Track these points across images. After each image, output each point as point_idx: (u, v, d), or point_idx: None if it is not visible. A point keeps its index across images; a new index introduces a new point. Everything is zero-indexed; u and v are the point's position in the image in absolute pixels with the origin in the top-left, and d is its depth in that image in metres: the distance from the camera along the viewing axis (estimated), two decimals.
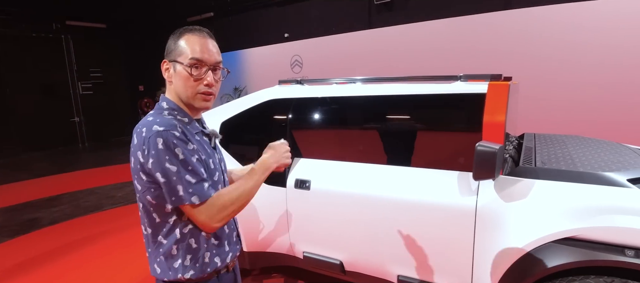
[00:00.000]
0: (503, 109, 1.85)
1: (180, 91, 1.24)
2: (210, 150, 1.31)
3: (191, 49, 1.21)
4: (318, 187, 2.37)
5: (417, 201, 2.05)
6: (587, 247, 1.64)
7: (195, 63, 1.21)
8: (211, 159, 1.29)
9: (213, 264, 1.29)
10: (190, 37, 1.23)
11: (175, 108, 1.26)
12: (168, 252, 1.23)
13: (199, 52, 1.22)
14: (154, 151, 1.12)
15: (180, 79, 1.23)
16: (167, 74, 1.26)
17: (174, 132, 1.14)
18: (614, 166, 1.89)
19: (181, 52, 1.22)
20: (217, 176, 1.30)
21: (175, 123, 1.18)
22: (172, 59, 1.24)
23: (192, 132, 1.25)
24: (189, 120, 1.27)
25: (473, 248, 1.92)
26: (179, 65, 1.22)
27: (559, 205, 1.72)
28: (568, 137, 2.76)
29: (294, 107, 2.56)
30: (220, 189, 1.25)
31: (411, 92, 2.20)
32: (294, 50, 9.06)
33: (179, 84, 1.23)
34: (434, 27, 7.06)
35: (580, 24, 5.69)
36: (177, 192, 1.14)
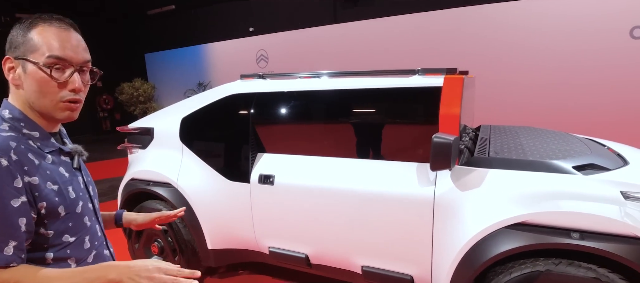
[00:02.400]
0: (458, 102, 1.91)
1: (35, 98, 0.94)
2: (69, 174, 1.02)
3: (48, 44, 0.92)
4: (282, 182, 2.37)
5: (378, 193, 2.09)
6: (537, 231, 1.74)
7: (55, 62, 0.93)
8: (70, 185, 1.00)
9: None
10: (47, 28, 0.93)
11: (20, 118, 0.95)
12: None
13: (60, 49, 0.93)
14: None
15: (34, 83, 0.93)
16: (11, 74, 0.95)
17: (2, 161, 0.85)
18: (560, 154, 2.00)
19: (34, 47, 0.92)
20: (81, 206, 1.02)
21: (10, 144, 0.89)
22: (20, 56, 0.93)
23: (42, 151, 0.96)
24: (41, 136, 0.97)
25: (432, 237, 1.99)
26: (31, 65, 0.92)
27: (510, 193, 1.81)
28: (520, 128, 2.90)
29: (256, 102, 2.54)
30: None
31: (371, 86, 2.23)
32: (260, 45, 8.97)
33: (32, 89, 0.93)
34: (398, 23, 7.19)
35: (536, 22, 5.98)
36: None
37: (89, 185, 1.11)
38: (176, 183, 2.64)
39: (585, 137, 2.63)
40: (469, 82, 2.46)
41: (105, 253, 1.12)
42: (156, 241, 2.77)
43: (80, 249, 1.01)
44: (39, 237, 0.94)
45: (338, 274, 2.40)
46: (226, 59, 9.72)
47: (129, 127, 3.03)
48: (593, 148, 2.20)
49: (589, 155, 2.01)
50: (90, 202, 1.08)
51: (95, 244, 1.07)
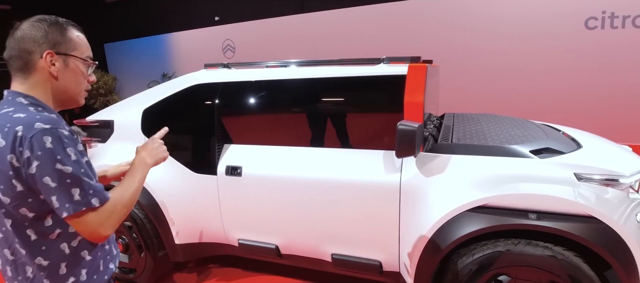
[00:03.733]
0: (421, 90, 1.95)
1: (69, 88, 1.12)
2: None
3: (84, 46, 1.14)
4: (250, 173, 2.35)
5: (345, 181, 2.11)
6: (497, 214, 1.81)
7: (89, 61, 1.16)
8: (85, 158, 1.14)
9: (109, 271, 1.20)
10: (77, 32, 1.14)
11: (39, 103, 1.08)
12: (54, 274, 1.07)
13: (90, 50, 1.16)
14: (40, 152, 0.96)
15: (73, 76, 1.12)
16: (52, 67, 1.08)
17: (63, 130, 1.01)
18: (518, 139, 2.09)
19: (75, 46, 1.11)
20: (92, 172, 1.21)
21: (57, 119, 1.04)
22: (63, 51, 1.09)
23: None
24: (57, 116, 1.10)
25: (399, 222, 2.03)
26: (73, 60, 1.11)
27: (471, 177, 1.87)
28: (482, 115, 2.99)
29: (221, 92, 2.48)
30: None
31: (338, 75, 2.23)
32: (226, 34, 8.77)
33: (69, 80, 1.11)
34: (364, 12, 7.21)
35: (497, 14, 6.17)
36: (72, 196, 0.99)
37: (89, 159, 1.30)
38: None
39: (542, 123, 2.75)
40: (433, 71, 2.51)
41: None
42: (120, 238, 2.68)
43: None
44: None
45: (308, 263, 2.41)
46: (191, 49, 9.45)
47: (87, 120, 2.90)
48: (549, 133, 2.30)
49: (544, 139, 2.10)
50: None
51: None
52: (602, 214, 1.70)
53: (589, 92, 5.92)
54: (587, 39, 5.87)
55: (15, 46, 1.07)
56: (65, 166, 0.98)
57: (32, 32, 1.07)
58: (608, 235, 1.69)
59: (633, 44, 5.64)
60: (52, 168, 0.97)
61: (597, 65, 5.84)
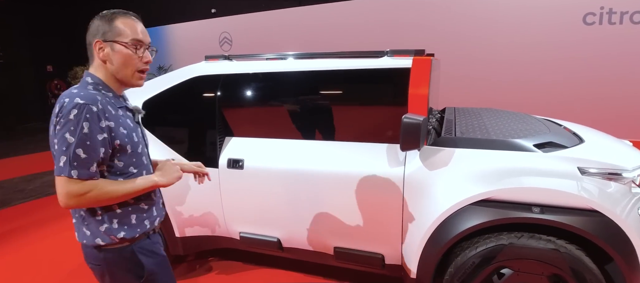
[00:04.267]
0: (426, 83, 1.94)
1: (119, 69, 1.31)
2: (133, 125, 1.39)
3: (131, 30, 1.30)
4: (252, 166, 2.33)
5: (348, 174, 2.10)
6: (500, 207, 1.81)
7: (135, 43, 1.31)
8: (134, 132, 1.37)
9: (143, 226, 1.40)
10: (126, 20, 1.31)
11: (100, 83, 1.31)
12: (91, 216, 1.32)
13: (139, 33, 1.32)
14: (63, 119, 1.19)
15: (121, 58, 1.30)
16: (101, 53, 1.30)
17: (92, 107, 1.21)
18: (521, 133, 2.09)
19: (120, 32, 1.29)
20: (141, 149, 1.40)
21: (97, 98, 1.24)
22: (109, 39, 1.29)
23: (116, 106, 1.32)
24: (114, 96, 1.34)
25: (402, 215, 2.03)
26: (118, 45, 1.29)
27: (475, 170, 1.87)
28: (483, 110, 3.00)
29: (222, 84, 2.46)
30: (135, 170, 1.36)
31: (341, 68, 2.22)
32: (223, 27, 8.70)
33: (118, 63, 1.30)
34: (362, 6, 7.18)
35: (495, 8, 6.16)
36: (60, 161, 1.20)
37: (144, 136, 1.49)
38: None
39: (543, 118, 2.76)
40: (435, 64, 2.50)
41: None
42: None
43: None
44: (114, 165, 1.31)
45: (310, 256, 2.41)
46: (188, 41, 9.37)
47: None
48: (551, 127, 2.31)
49: (547, 134, 2.11)
50: (145, 147, 1.47)
51: (151, 175, 1.44)
52: (605, 208, 1.71)
53: (587, 88, 5.94)
54: (585, 34, 5.89)
55: (86, 40, 1.32)
56: (70, 136, 1.19)
57: (90, 27, 1.31)
58: (611, 228, 1.70)
59: (631, 40, 5.66)
60: (62, 134, 1.19)
61: (595, 61, 5.86)
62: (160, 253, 1.48)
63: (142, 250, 1.39)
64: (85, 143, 1.19)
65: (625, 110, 5.79)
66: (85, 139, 1.19)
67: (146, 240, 1.42)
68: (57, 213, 4.31)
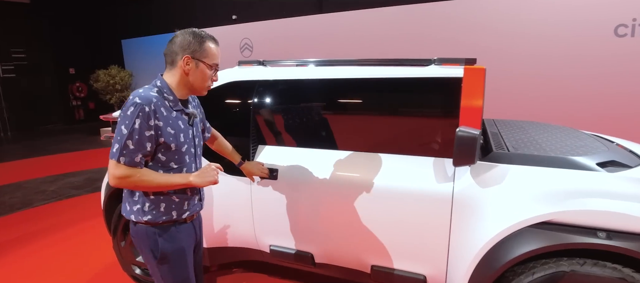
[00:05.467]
0: (480, 94, 1.81)
1: (197, 83, 1.58)
2: (184, 126, 1.60)
3: (214, 55, 1.58)
4: (287, 176, 2.23)
5: (390, 188, 1.98)
6: (562, 231, 1.66)
7: (215, 66, 1.60)
8: (182, 133, 1.58)
9: (169, 215, 1.60)
10: (213, 45, 1.58)
11: (165, 88, 1.55)
12: (131, 196, 1.59)
13: (218, 58, 1.61)
14: (122, 113, 1.46)
15: (200, 74, 1.56)
16: (187, 67, 1.54)
17: (145, 107, 1.44)
18: (580, 151, 1.94)
19: (207, 54, 1.55)
20: (186, 148, 1.61)
21: (154, 99, 1.47)
22: (196, 57, 1.54)
23: (171, 108, 1.55)
24: (174, 100, 1.56)
25: (449, 235, 1.89)
26: (202, 65, 1.56)
27: (534, 190, 1.73)
28: (526, 123, 2.84)
29: (257, 90, 2.37)
30: (173, 163, 1.58)
31: (384, 76, 2.10)
32: (243, 33, 8.69)
33: (197, 77, 1.56)
34: (385, 15, 7.08)
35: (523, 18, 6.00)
36: (113, 147, 1.46)
37: (196, 138, 1.70)
38: None
39: (591, 133, 2.60)
40: None
41: None
42: None
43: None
44: (157, 159, 1.54)
45: (344, 274, 2.28)
46: None
47: (113, 115, 2.81)
48: (606, 144, 2.15)
49: (607, 151, 1.96)
50: (193, 148, 1.67)
51: (191, 172, 1.63)
52: None
53: (619, 100, 5.73)
54: (617, 46, 5.70)
55: (170, 47, 1.56)
56: (124, 128, 1.44)
57: (181, 40, 1.54)
58: None
59: None
60: (119, 125, 1.45)
61: (626, 73, 5.65)
62: (181, 243, 1.65)
63: (163, 234, 1.59)
64: (134, 137, 1.43)
65: None
66: (135, 133, 1.43)
67: (171, 227, 1.62)
68: (79, 216, 4.27)
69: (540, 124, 2.75)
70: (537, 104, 6.08)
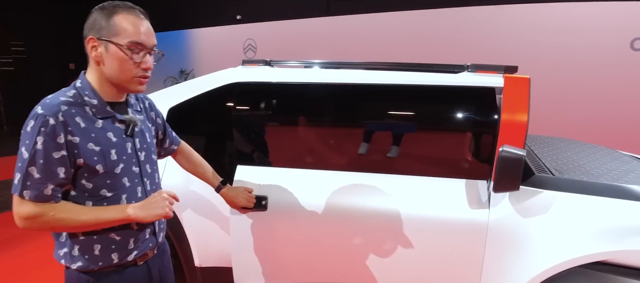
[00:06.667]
0: (525, 107, 1.56)
1: (115, 74, 1.15)
2: (118, 139, 1.19)
3: (130, 30, 1.12)
4: (281, 206, 1.82)
5: (414, 218, 1.68)
6: (618, 273, 1.41)
7: (135, 46, 1.13)
8: (114, 149, 1.17)
9: (107, 260, 1.19)
10: (127, 16, 1.13)
11: (86, 89, 1.16)
12: (57, 236, 1.20)
13: (139, 35, 1.14)
14: (23, 131, 1.08)
15: (115, 61, 1.13)
16: (94, 52, 1.13)
17: (50, 119, 1.05)
18: (632, 177, 1.68)
19: (117, 31, 1.11)
20: (123, 168, 1.19)
21: (62, 107, 1.09)
22: (104, 38, 1.12)
23: (94, 116, 1.15)
24: (99, 104, 1.16)
25: (481, 271, 1.63)
26: (113, 46, 1.12)
27: (588, 223, 1.47)
28: (554, 140, 2.59)
29: (263, 94, 2.10)
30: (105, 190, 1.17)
31: (412, 82, 1.81)
32: (247, 34, 8.46)
33: (113, 66, 1.13)
34: (392, 20, 6.86)
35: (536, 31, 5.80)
36: (15, 178, 1.08)
37: (142, 152, 1.27)
38: None
39: (631, 155, 2.34)
40: None
41: None
42: None
43: (115, 204, 1.18)
44: (81, 187, 1.13)
45: None
46: (211, 46, 9.15)
47: None
48: None
49: None
50: (136, 166, 1.24)
51: (132, 203, 1.20)
52: None
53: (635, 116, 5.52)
54: (633, 60, 5.51)
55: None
56: (25, 151, 1.05)
57: (88, 19, 1.14)
58: None
59: None
60: (20, 148, 1.07)
61: None
62: None
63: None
64: (38, 161, 1.05)
65: None
66: (39, 156, 1.05)
67: (113, 275, 1.21)
68: None
69: (573, 141, 2.50)
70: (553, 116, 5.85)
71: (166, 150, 1.57)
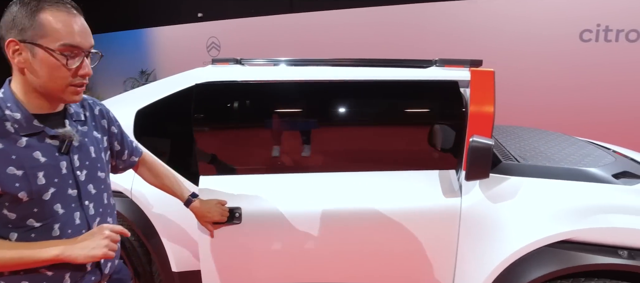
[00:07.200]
0: (491, 99, 1.64)
1: (43, 82, 0.96)
2: (46, 159, 1.00)
3: (62, 30, 0.93)
4: (256, 217, 1.73)
5: (389, 211, 1.70)
6: (582, 250, 1.51)
7: (69, 50, 0.95)
8: (42, 171, 0.99)
9: None
10: (56, 13, 0.93)
11: (9, 100, 0.97)
12: None
13: (73, 35, 0.95)
14: None
15: (45, 68, 0.94)
16: (17, 58, 0.94)
17: None
18: (590, 161, 1.81)
19: (46, 32, 0.92)
20: (54, 192, 1.01)
21: None
22: (28, 40, 0.92)
23: (16, 134, 0.96)
24: (23, 119, 0.97)
25: (456, 256, 1.70)
26: (42, 51, 0.93)
27: (553, 206, 1.57)
28: (514, 128, 2.73)
29: (233, 94, 2.04)
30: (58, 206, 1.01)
31: (388, 78, 1.80)
32: (210, 32, 8.28)
33: (42, 74, 0.95)
34: (356, 15, 6.94)
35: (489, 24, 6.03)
36: None
37: (80, 170, 1.07)
38: (130, 192, 2.11)
39: (587, 140, 2.51)
40: None
41: None
42: None
43: (47, 236, 1.01)
44: (3, 217, 0.96)
45: None
46: (172, 45, 8.89)
47: None
48: (610, 153, 2.05)
49: (615, 161, 1.84)
50: (74, 188, 1.06)
51: (69, 232, 1.04)
52: None
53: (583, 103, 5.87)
54: (582, 51, 5.85)
55: None
56: None
57: (5, 15, 0.93)
58: None
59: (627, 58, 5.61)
60: None
61: (591, 77, 5.80)
62: None
63: None
64: None
65: (621, 127, 5.68)
66: None
67: None
68: None
69: (533, 129, 2.65)
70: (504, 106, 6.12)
71: (125, 163, 1.38)
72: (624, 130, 5.60)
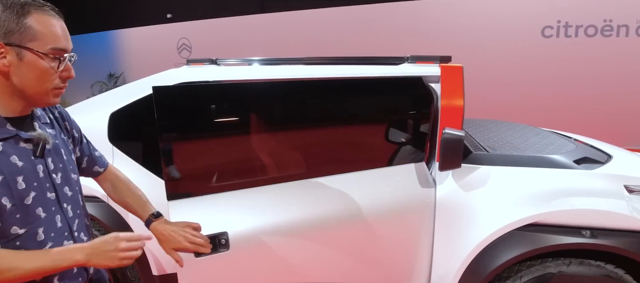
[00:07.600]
0: (460, 93, 1.72)
1: (30, 86, 0.95)
2: (23, 163, 0.98)
3: (51, 34, 0.94)
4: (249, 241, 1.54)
5: (369, 208, 1.69)
6: (549, 232, 1.62)
7: (59, 53, 0.96)
8: (21, 176, 0.96)
9: None
10: (43, 16, 0.94)
11: None
12: None
13: (60, 39, 0.97)
14: None
15: (34, 71, 0.94)
16: (2, 61, 0.91)
17: None
18: (553, 148, 1.93)
19: (34, 35, 0.92)
20: (33, 198, 0.99)
21: None
22: (15, 43, 0.91)
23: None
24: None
25: (433, 244, 1.77)
26: (31, 54, 0.93)
27: (520, 192, 1.67)
28: (484, 121, 2.85)
29: (209, 97, 1.92)
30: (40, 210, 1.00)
31: (365, 75, 1.83)
32: (180, 33, 8.15)
33: (29, 77, 0.94)
34: (329, 14, 7.00)
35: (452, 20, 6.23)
36: None
37: (55, 173, 1.06)
38: (107, 197, 2.07)
39: (550, 130, 2.65)
40: None
41: (68, 244, 1.07)
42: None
43: (32, 241, 0.99)
44: None
45: None
46: (141, 47, 8.68)
47: None
48: (572, 141, 2.18)
49: (576, 148, 1.97)
50: (52, 191, 1.05)
51: (52, 236, 1.03)
52: None
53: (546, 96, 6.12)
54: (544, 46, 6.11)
55: None
56: None
57: None
58: None
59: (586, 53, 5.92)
60: None
61: (553, 72, 6.07)
62: None
63: None
64: None
65: (581, 116, 5.96)
66: None
67: None
68: None
69: (499, 121, 2.78)
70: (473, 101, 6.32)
71: (85, 172, 1.28)
72: (584, 120, 5.90)
